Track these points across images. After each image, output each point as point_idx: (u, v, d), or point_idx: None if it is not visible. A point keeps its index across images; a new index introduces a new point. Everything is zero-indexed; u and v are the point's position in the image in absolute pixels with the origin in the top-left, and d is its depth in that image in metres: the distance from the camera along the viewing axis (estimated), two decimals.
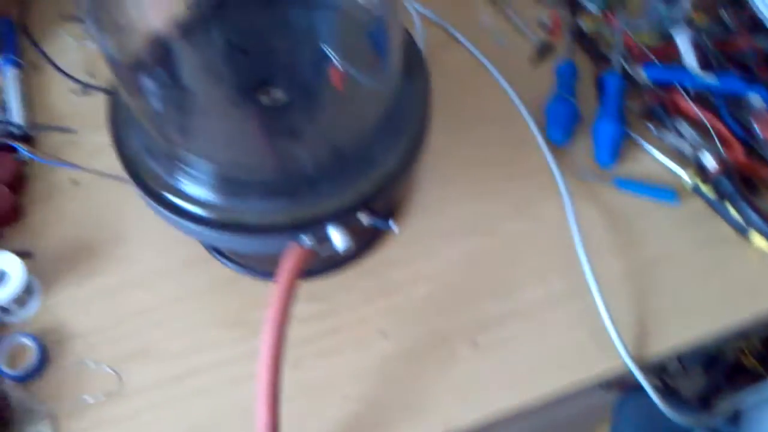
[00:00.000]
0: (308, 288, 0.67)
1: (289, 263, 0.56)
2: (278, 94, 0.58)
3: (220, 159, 0.58)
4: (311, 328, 0.67)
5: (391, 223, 0.59)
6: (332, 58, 0.57)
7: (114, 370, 0.65)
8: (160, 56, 0.58)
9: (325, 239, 0.58)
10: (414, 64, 0.65)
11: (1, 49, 0.81)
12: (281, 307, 0.55)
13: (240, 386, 0.64)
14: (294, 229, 0.57)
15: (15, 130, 0.74)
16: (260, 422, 0.54)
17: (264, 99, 0.58)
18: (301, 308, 0.65)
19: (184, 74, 0.58)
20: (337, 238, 0.57)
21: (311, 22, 0.62)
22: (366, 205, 0.59)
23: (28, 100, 0.79)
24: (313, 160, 0.58)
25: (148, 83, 0.58)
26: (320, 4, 0.63)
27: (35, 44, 0.80)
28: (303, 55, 0.61)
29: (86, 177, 0.73)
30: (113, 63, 0.56)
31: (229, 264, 0.70)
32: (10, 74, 0.79)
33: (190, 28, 0.59)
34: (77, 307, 0.68)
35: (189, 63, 0.59)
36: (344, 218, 0.58)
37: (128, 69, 0.57)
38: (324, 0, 0.63)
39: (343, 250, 0.58)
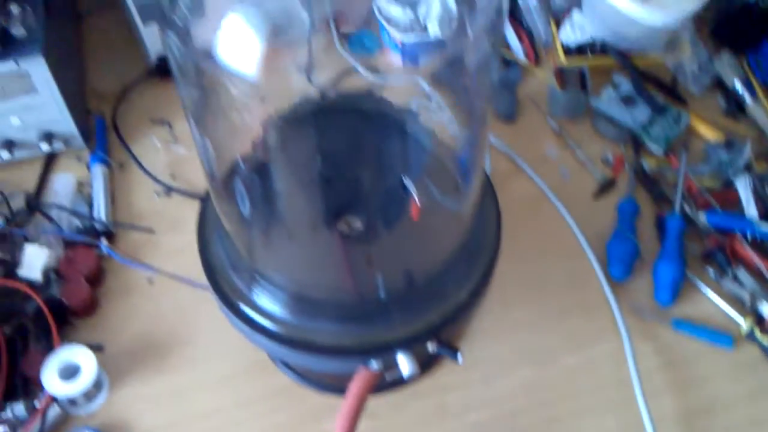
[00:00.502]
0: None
1: (357, 386, 0.57)
2: (357, 223, 0.61)
3: (296, 278, 0.61)
4: None
5: (457, 355, 0.61)
6: (413, 192, 0.60)
7: None
8: (253, 170, 0.62)
9: (393, 364, 0.59)
10: (486, 196, 0.68)
11: (92, 147, 0.86)
12: (347, 428, 0.56)
13: None
14: (363, 353, 0.59)
15: (98, 227, 0.78)
16: None
17: (343, 227, 0.61)
18: None
19: (271, 191, 0.62)
20: (405, 364, 0.59)
21: (397, 153, 0.66)
22: (434, 334, 0.60)
23: (113, 198, 0.83)
24: (386, 288, 0.60)
25: (238, 194, 0.61)
26: (408, 136, 0.67)
27: (125, 144, 0.86)
28: (385, 185, 0.64)
29: (161, 277, 0.76)
30: (209, 170, 0.60)
31: (291, 375, 0.72)
32: (98, 171, 0.83)
33: (282, 150, 0.63)
34: (140, 405, 0.70)
35: (277, 181, 0.62)
36: (411, 346, 0.59)
37: (222, 178, 0.61)
38: (412, 134, 0.67)
39: (410, 376, 0.60)
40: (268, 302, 0.61)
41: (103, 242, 0.77)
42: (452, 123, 0.63)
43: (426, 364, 0.73)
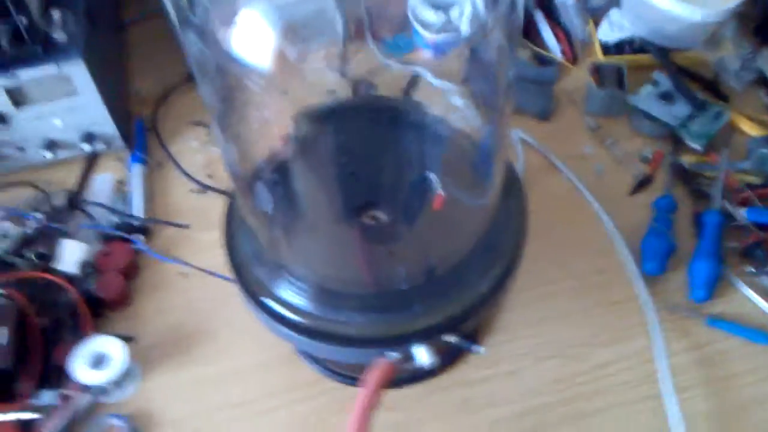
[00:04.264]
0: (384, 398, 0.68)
1: (374, 376, 0.58)
2: (380, 216, 0.62)
3: (320, 271, 0.62)
4: None
5: (477, 346, 0.61)
6: (436, 184, 0.60)
7: None
8: (276, 168, 0.63)
9: (411, 355, 0.59)
10: (512, 190, 0.67)
11: (132, 147, 0.89)
12: (362, 419, 0.56)
13: None
14: (382, 344, 0.59)
15: (135, 223, 0.81)
16: None
17: (366, 220, 0.62)
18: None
19: (295, 188, 0.63)
20: (423, 355, 0.59)
21: (419, 147, 0.66)
22: (454, 326, 0.60)
23: (149, 195, 0.86)
24: (408, 279, 0.61)
25: (262, 192, 0.63)
26: (430, 131, 0.67)
27: (163, 145, 0.88)
28: (408, 179, 0.65)
29: (194, 271, 0.78)
30: (233, 170, 0.61)
31: (316, 367, 0.72)
32: (137, 171, 0.86)
33: (306, 147, 0.64)
34: (170, 394, 0.71)
35: (301, 178, 0.64)
36: (432, 337, 0.59)
37: (246, 177, 0.62)
38: (433, 126, 0.67)
39: (428, 366, 0.60)
40: (291, 295, 0.62)
41: (139, 238, 0.79)
42: (474, 118, 0.64)
43: (450, 358, 0.73)
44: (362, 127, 0.69)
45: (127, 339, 0.71)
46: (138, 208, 0.83)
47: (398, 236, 0.64)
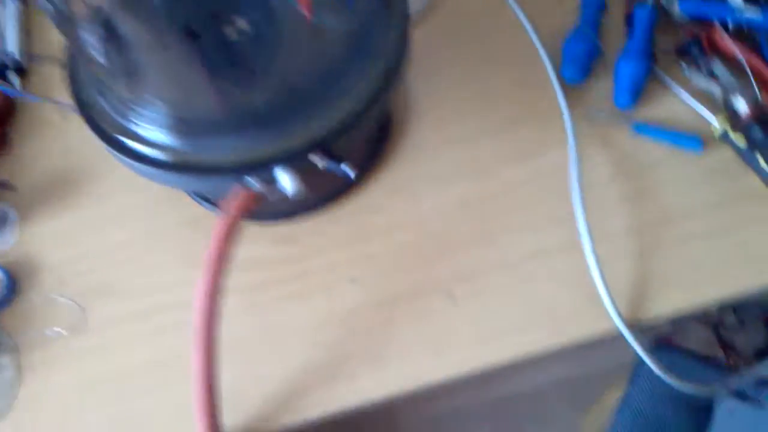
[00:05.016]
0: (278, 230, 0.64)
1: (231, 206, 0.53)
2: (229, 27, 0.55)
3: (170, 99, 0.55)
4: (278, 271, 0.64)
5: (344, 167, 0.55)
6: None
7: (79, 305, 0.65)
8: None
9: (273, 182, 0.55)
10: None
11: None
12: (218, 252, 0.52)
13: None
14: (237, 170, 0.54)
15: (8, 61, 0.74)
16: (195, 368, 0.52)
17: (213, 33, 0.54)
18: (268, 251, 0.63)
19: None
20: (287, 181, 0.54)
21: None
22: (320, 146, 0.55)
23: (27, 34, 0.79)
24: (263, 96, 0.54)
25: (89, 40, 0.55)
26: None
27: None
28: None
29: (74, 114, 0.72)
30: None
31: (204, 204, 0.68)
32: (11, 6, 0.79)
33: None
34: (50, 241, 0.68)
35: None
36: (294, 161, 0.54)
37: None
38: None
39: (294, 194, 0.55)
40: (144, 129, 0.56)
41: (13, 77, 0.73)
42: None
43: (345, 187, 0.68)
44: None
45: (4, 185, 0.67)
46: (12, 45, 0.76)
47: (251, 48, 0.56)
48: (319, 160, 0.55)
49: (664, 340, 0.88)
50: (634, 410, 0.78)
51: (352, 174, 0.55)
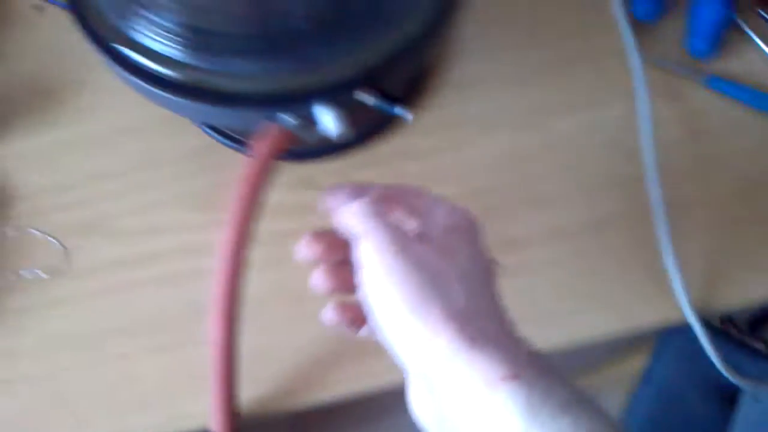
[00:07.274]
0: (295, 171, 0.55)
1: (261, 149, 0.43)
2: None
3: (188, 2, 0.44)
4: (294, 221, 0.54)
5: (402, 110, 0.45)
6: None
7: (61, 244, 0.54)
8: None
9: (313, 121, 0.44)
10: None
11: None
12: (246, 204, 0.42)
13: (200, 280, 0.51)
14: (274, 103, 0.44)
15: None
16: (213, 331, 0.43)
17: None
18: (283, 197, 0.53)
19: None
20: (330, 121, 0.44)
21: None
22: (370, 80, 0.45)
23: None
24: (306, 9, 0.43)
25: None
26: None
27: None
28: None
29: (51, 6, 0.60)
30: None
31: (213, 133, 0.58)
32: None
33: None
34: (23, 162, 0.57)
35: None
36: (340, 96, 0.44)
37: None
38: None
39: (338, 137, 0.45)
40: (151, 39, 0.45)
41: None
42: None
43: (382, 125, 0.58)
44: None
45: None
46: None
47: None
48: (369, 98, 0.45)
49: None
50: (659, 387, 0.73)
51: (409, 117, 0.46)
